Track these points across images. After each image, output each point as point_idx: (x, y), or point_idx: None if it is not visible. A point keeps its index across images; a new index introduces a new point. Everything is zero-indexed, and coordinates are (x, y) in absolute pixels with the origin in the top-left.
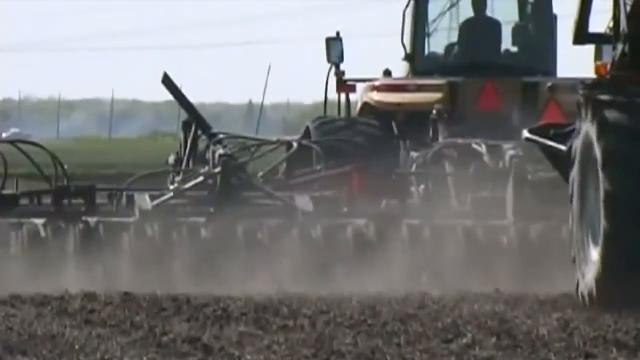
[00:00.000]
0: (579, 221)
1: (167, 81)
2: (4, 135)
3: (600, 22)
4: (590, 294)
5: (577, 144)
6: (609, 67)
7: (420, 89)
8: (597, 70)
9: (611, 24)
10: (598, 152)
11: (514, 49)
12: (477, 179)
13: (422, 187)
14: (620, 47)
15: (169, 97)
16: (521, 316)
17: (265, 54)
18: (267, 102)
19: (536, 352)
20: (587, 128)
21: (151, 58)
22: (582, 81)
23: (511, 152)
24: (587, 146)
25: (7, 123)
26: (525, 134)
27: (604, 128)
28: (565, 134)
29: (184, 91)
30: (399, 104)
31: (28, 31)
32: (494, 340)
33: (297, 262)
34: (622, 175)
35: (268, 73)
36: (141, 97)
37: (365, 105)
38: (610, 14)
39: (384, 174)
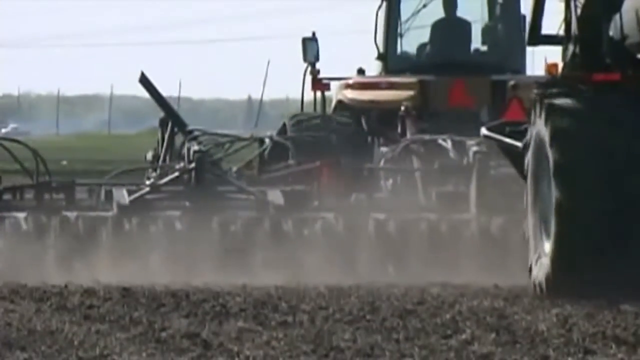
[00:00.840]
0: (532, 214)
1: (144, 80)
2: (3, 130)
3: (554, 24)
4: (543, 283)
5: (531, 140)
6: (559, 67)
7: (392, 86)
8: (549, 69)
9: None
10: (549, 148)
11: (484, 48)
12: (442, 174)
13: (390, 181)
14: (571, 48)
15: (168, 93)
16: (520, 312)
17: (264, 50)
18: (266, 97)
19: (535, 348)
20: (539, 125)
21: (151, 54)
22: (536, 80)
23: (474, 148)
24: (540, 142)
25: (6, 119)
26: (483, 131)
27: (554, 126)
28: (520, 131)
29: (183, 87)
30: (371, 102)
31: (27, 27)
32: (492, 336)
33: (268, 253)
34: (572, 170)
35: (267, 69)
36: (140, 93)
37: (340, 102)
38: (562, 17)
39: (352, 169)
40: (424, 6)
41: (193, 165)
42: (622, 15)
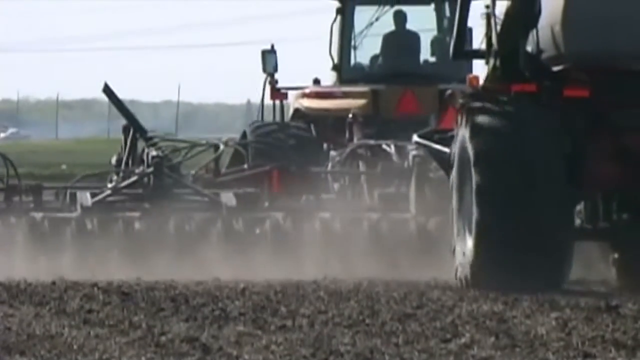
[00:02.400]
0: (457, 214)
1: (108, 90)
2: (2, 135)
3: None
4: (467, 278)
5: (456, 146)
6: (480, 79)
7: (345, 95)
8: (470, 82)
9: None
10: (470, 153)
11: (432, 59)
12: (385, 176)
13: (338, 183)
14: (491, 61)
15: (167, 97)
16: (519, 316)
17: None
18: (266, 102)
19: (534, 352)
20: (463, 132)
21: (150, 58)
22: (461, 91)
23: (414, 152)
24: (463, 148)
25: (5, 123)
26: (415, 138)
27: (475, 132)
28: (448, 138)
29: (182, 91)
30: (326, 110)
31: (26, 31)
32: (492, 339)
33: (221, 251)
34: (489, 173)
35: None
36: (139, 98)
37: (297, 110)
38: (484, 33)
39: (302, 172)
40: (377, 19)
41: (151, 169)
42: (539, 31)
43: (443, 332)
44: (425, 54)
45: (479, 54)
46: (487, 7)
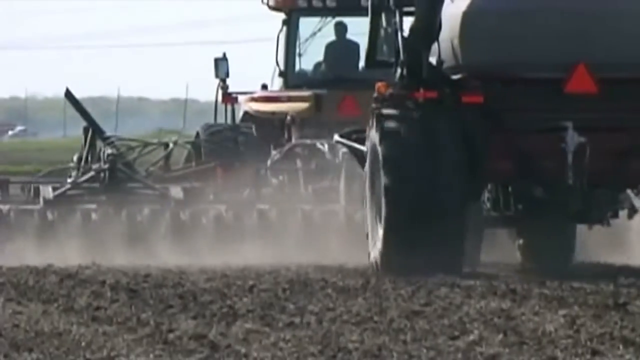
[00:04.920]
0: (370, 205)
1: (69, 95)
2: (10, 133)
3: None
4: (377, 262)
5: (368, 145)
6: (388, 86)
7: (290, 99)
8: (378, 89)
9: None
10: (379, 152)
11: None
12: (319, 172)
13: (277, 179)
14: (399, 70)
15: (175, 94)
16: (527, 313)
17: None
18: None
19: (542, 349)
20: (373, 134)
21: (157, 56)
22: (374, 97)
23: (343, 150)
24: (373, 147)
25: (13, 121)
26: (335, 137)
27: (383, 134)
28: (365, 137)
29: (191, 89)
30: (272, 113)
31: (34, 29)
32: (500, 337)
33: (169, 239)
34: (396, 169)
35: (274, 70)
36: (147, 95)
37: (246, 113)
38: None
39: (244, 168)
40: (319, 30)
41: (107, 165)
42: (440, 43)
43: (451, 330)
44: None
45: (388, 64)
46: (395, 22)
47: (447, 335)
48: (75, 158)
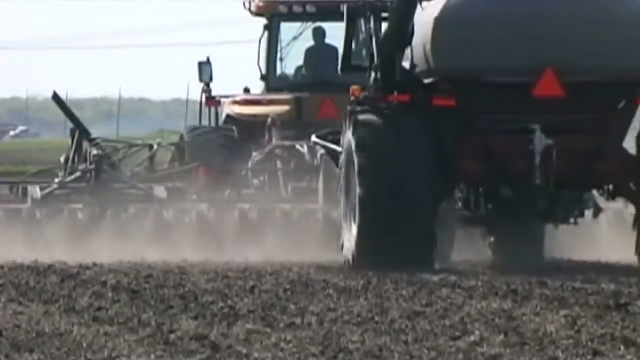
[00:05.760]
0: (345, 203)
1: (56, 98)
2: (12, 133)
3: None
4: (352, 257)
5: (343, 147)
6: (363, 89)
7: (272, 103)
8: (353, 92)
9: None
10: (354, 154)
11: None
12: (298, 173)
13: (258, 179)
14: (373, 74)
15: (176, 95)
16: (529, 314)
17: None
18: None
19: (544, 350)
20: (348, 136)
21: (159, 56)
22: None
23: (322, 151)
24: (349, 148)
25: (15, 122)
26: (313, 138)
27: (357, 136)
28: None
29: (192, 90)
30: (254, 115)
31: (35, 29)
32: (501, 337)
33: (153, 237)
34: (370, 171)
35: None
36: (148, 95)
37: (228, 116)
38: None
39: (226, 169)
40: (300, 34)
41: (93, 166)
42: (413, 49)
43: (452, 330)
44: None
45: (363, 68)
46: (370, 28)
47: (448, 335)
48: (62, 159)
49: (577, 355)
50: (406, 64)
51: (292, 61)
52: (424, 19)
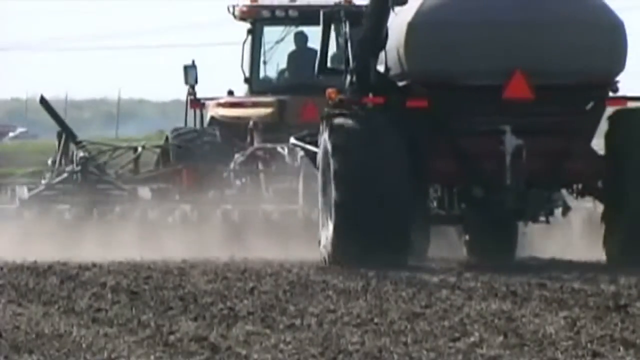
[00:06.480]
0: (322, 203)
1: (43, 101)
2: (11, 134)
3: None
4: (328, 256)
5: (320, 149)
6: (339, 92)
7: (255, 105)
8: (328, 95)
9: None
10: (330, 155)
11: None
12: (279, 174)
13: (240, 180)
14: (348, 77)
15: (175, 96)
16: (528, 315)
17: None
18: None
19: (543, 351)
20: (325, 137)
21: (158, 57)
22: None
23: (301, 153)
24: (325, 149)
25: (14, 122)
26: (292, 140)
27: (333, 138)
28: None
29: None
30: (238, 117)
31: (34, 30)
32: (500, 338)
33: (136, 236)
34: (345, 171)
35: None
36: (147, 97)
37: (212, 118)
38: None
39: (208, 171)
40: (282, 39)
41: (79, 168)
42: (387, 53)
43: (452, 331)
44: None
45: (338, 71)
46: (345, 33)
47: (447, 337)
48: (49, 161)
49: (576, 357)
50: (381, 68)
51: (274, 64)
52: (398, 23)
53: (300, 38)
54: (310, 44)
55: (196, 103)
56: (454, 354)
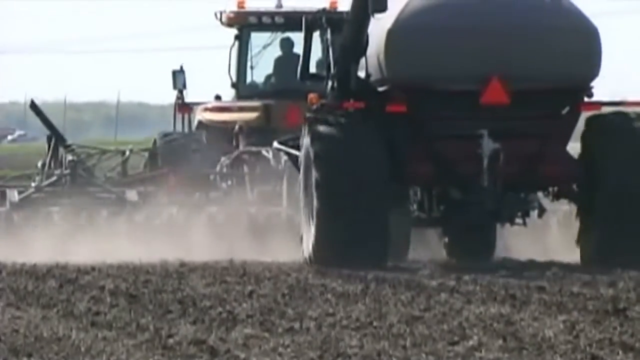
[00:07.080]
0: (304, 205)
1: (34, 106)
2: (10, 137)
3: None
4: (310, 257)
5: (302, 152)
6: (320, 97)
7: (241, 109)
8: (310, 100)
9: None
10: (312, 157)
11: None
12: (264, 177)
13: (225, 183)
14: (330, 83)
15: (174, 99)
16: (527, 318)
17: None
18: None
19: (542, 355)
20: (306, 141)
21: (157, 60)
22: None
23: (285, 157)
24: (307, 153)
25: (12, 126)
26: (275, 143)
27: (314, 142)
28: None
29: (191, 92)
30: (224, 122)
31: (33, 33)
32: (499, 342)
33: (124, 238)
34: (326, 172)
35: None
36: (147, 100)
37: (200, 122)
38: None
39: (195, 174)
40: (269, 44)
41: (68, 171)
42: (367, 59)
43: (451, 335)
44: None
45: (320, 77)
46: (326, 39)
47: (446, 340)
48: (39, 164)
49: None
50: (361, 73)
51: (261, 70)
52: (378, 30)
53: (286, 44)
54: (296, 50)
55: (184, 107)
56: (453, 358)
